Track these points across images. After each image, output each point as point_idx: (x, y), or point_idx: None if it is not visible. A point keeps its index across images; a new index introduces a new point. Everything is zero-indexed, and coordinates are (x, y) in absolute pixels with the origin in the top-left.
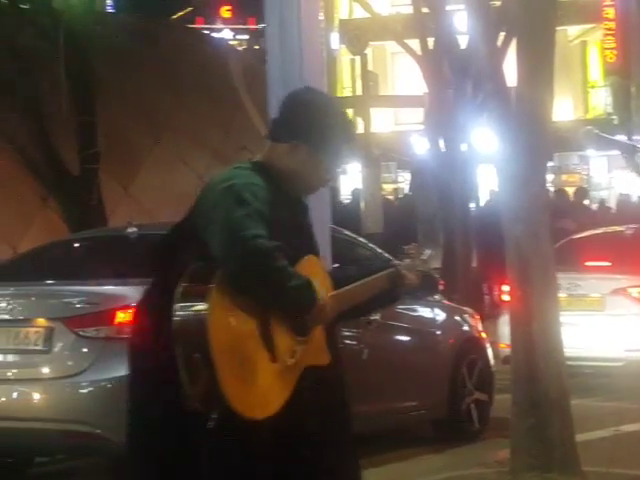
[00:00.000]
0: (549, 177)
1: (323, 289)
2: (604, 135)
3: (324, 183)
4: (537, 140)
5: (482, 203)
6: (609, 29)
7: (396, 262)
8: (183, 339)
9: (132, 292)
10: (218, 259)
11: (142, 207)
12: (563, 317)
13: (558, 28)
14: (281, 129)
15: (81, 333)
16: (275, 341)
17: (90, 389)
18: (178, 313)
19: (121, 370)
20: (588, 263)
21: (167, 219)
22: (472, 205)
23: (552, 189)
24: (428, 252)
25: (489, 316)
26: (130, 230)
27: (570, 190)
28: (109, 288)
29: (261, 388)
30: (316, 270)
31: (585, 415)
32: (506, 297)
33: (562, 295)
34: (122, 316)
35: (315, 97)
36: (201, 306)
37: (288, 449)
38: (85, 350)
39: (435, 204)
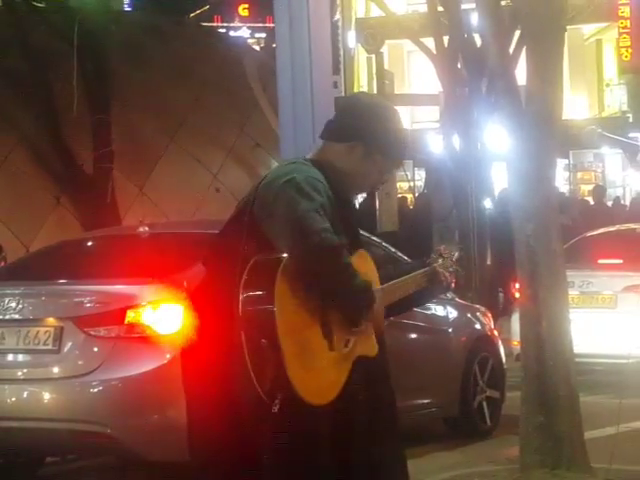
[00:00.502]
0: (565, 175)
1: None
2: (607, 134)
3: (376, 184)
4: (547, 139)
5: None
6: (624, 27)
7: (431, 261)
8: (249, 326)
9: (143, 291)
10: (286, 251)
11: (156, 206)
12: (575, 314)
13: (573, 27)
14: (339, 129)
15: (91, 332)
16: (332, 329)
17: (100, 389)
18: (243, 302)
19: (131, 369)
20: (601, 261)
21: (182, 217)
22: (488, 203)
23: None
24: (457, 253)
25: (504, 314)
26: (141, 229)
27: (585, 188)
28: (120, 287)
29: (321, 375)
30: (367, 265)
31: (596, 412)
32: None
33: (575, 292)
34: (132, 315)
35: (374, 101)
36: (266, 295)
37: (342, 438)
38: (95, 349)
39: (450, 202)
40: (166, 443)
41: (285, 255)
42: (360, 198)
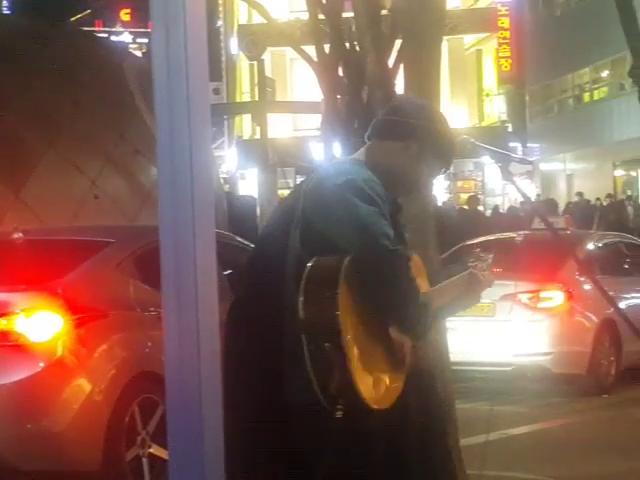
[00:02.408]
0: (445, 183)
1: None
2: (480, 144)
3: (423, 187)
4: None
5: None
6: (504, 38)
7: (471, 264)
8: (311, 330)
9: (15, 299)
10: (352, 254)
11: (34, 212)
12: (455, 322)
13: (454, 37)
14: (392, 128)
15: None
16: (390, 334)
17: None
18: (303, 305)
19: (4, 378)
20: None
21: (59, 224)
22: None
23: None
24: (491, 256)
25: None
26: (16, 235)
27: (465, 196)
28: None
29: (383, 379)
30: (420, 270)
31: (474, 418)
32: None
33: None
34: (4, 323)
35: (427, 103)
36: (329, 297)
37: (396, 449)
38: None
39: None
40: (40, 452)
41: (346, 257)
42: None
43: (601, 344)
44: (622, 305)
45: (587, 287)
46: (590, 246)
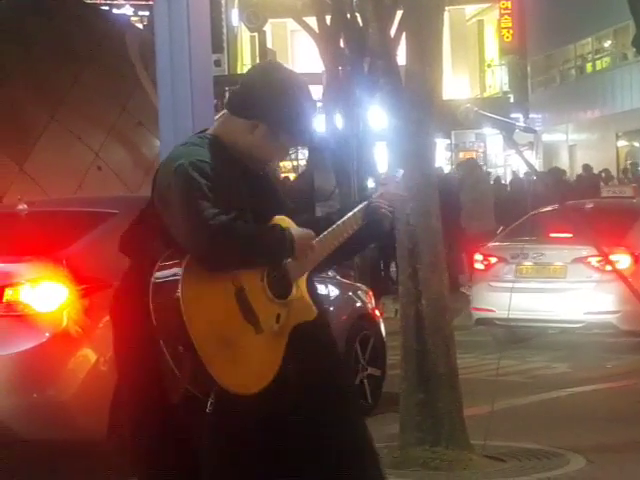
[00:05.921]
0: (447, 154)
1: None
2: (483, 113)
3: (281, 159)
4: (426, 118)
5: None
6: (506, 8)
7: (371, 194)
8: (164, 334)
9: (21, 269)
10: (184, 244)
11: (37, 184)
12: (530, 283)
13: (455, 7)
14: (241, 105)
15: None
16: (256, 311)
17: None
18: (154, 310)
19: (10, 348)
20: (552, 234)
21: (63, 195)
22: (370, 182)
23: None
24: (400, 171)
25: (387, 292)
26: (21, 207)
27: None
28: None
29: (253, 364)
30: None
31: (475, 389)
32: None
33: (529, 264)
34: (11, 293)
35: (281, 76)
36: (173, 301)
37: (275, 418)
38: None
39: (333, 182)
40: (45, 422)
41: (186, 255)
42: None
43: None
44: None
45: None
46: None
